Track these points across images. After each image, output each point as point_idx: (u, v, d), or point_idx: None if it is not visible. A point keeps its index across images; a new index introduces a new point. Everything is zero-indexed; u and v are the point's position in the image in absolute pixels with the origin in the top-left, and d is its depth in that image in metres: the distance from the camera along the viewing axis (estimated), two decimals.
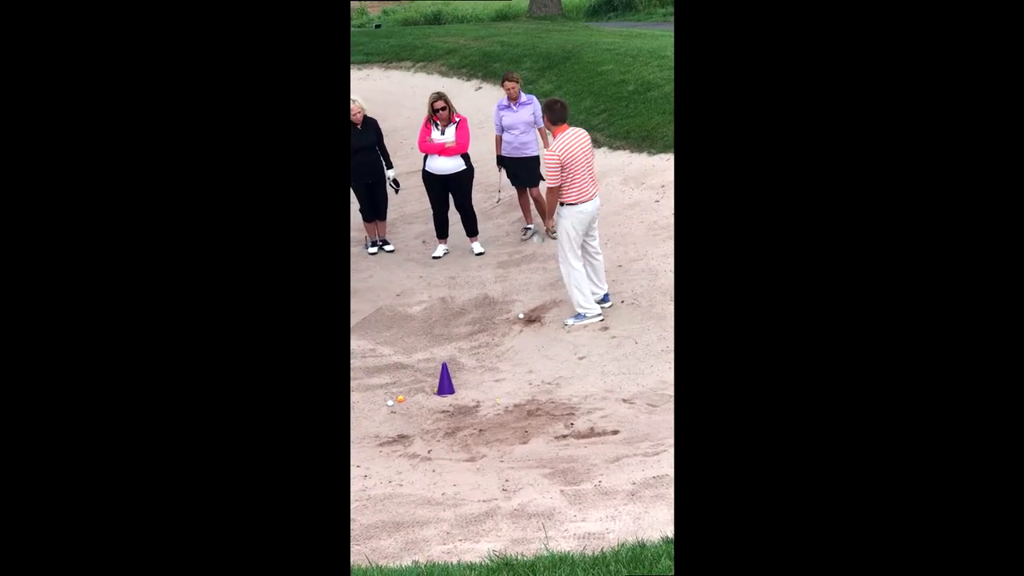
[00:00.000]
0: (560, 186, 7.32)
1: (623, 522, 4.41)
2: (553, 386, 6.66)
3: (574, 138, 7.42)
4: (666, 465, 4.94)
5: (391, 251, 9.61)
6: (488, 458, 5.65)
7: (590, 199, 7.44)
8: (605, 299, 7.72)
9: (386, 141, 9.52)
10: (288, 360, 2.63)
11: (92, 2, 2.61)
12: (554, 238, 9.06)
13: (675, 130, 2.86)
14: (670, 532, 3.92)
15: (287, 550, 2.61)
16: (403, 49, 16.66)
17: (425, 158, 9.14)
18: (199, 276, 2.62)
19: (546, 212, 7.73)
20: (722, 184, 2.66)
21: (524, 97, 9.27)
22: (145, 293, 2.60)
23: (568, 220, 7.40)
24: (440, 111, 8.93)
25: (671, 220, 8.11)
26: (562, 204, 7.41)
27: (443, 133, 8.96)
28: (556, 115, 7.44)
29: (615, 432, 5.80)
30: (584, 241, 7.56)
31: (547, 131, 7.57)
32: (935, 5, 2.59)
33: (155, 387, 2.59)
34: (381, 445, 6.02)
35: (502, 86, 9.43)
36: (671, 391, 5.95)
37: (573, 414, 6.15)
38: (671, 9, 19.33)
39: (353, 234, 9.80)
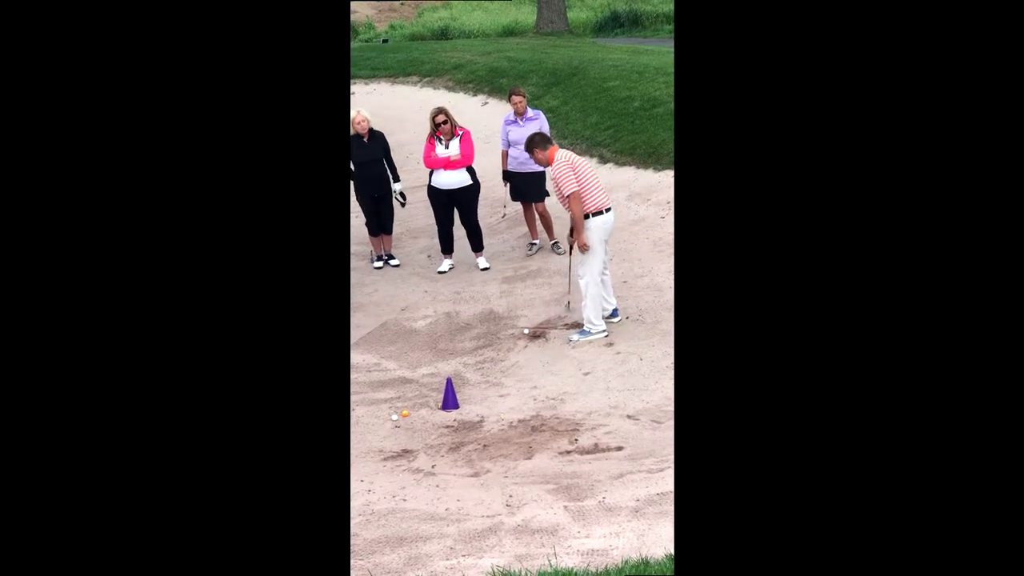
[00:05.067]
0: (580, 191, 7.34)
1: (627, 539, 4.39)
2: (557, 402, 6.64)
3: (567, 153, 7.64)
4: (670, 482, 4.92)
5: (396, 265, 9.62)
6: (492, 473, 5.64)
7: (609, 207, 7.52)
8: (614, 314, 7.72)
9: (392, 155, 9.55)
10: (288, 371, 2.63)
11: (94, 20, 2.62)
12: (560, 253, 9.05)
13: (675, 146, 2.86)
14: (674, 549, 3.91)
15: (287, 565, 2.60)
16: (410, 64, 16.72)
17: (430, 174, 9.16)
18: (200, 286, 2.63)
19: (575, 227, 7.46)
20: (723, 200, 2.66)
21: (531, 112, 9.29)
22: (145, 305, 2.60)
23: (595, 231, 7.40)
24: (442, 125, 8.95)
25: None
26: (587, 216, 7.39)
27: (447, 147, 8.99)
28: (543, 141, 7.62)
29: (619, 448, 5.79)
30: None
31: (541, 160, 7.59)
32: (935, 13, 2.59)
33: (155, 399, 2.59)
34: (385, 460, 6.02)
35: (509, 101, 9.45)
36: None
37: (577, 430, 6.14)
38: None
39: (359, 248, 9.81)
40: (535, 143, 7.63)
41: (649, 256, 8.65)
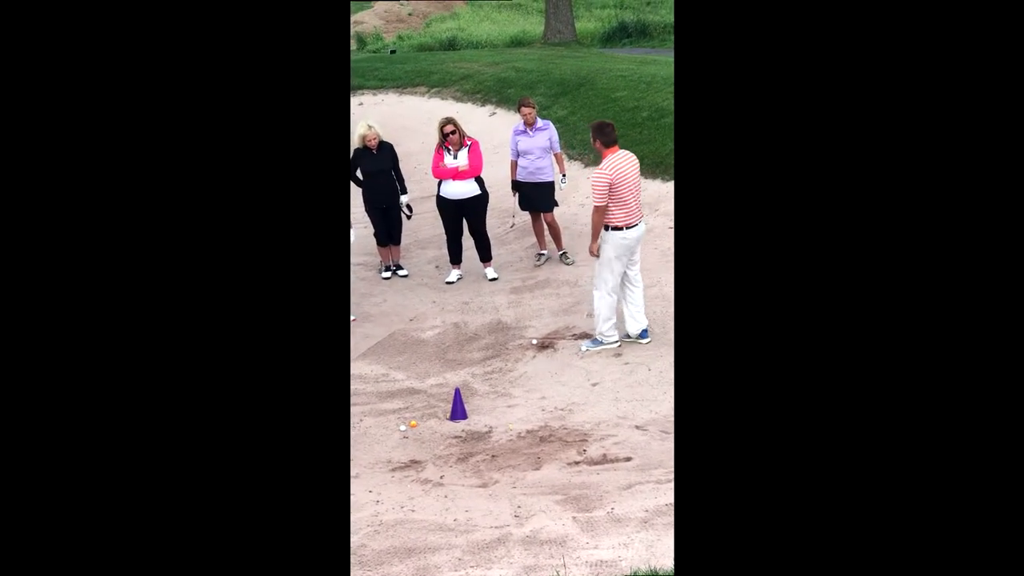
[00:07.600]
0: (606, 206, 7.16)
1: (636, 550, 4.39)
2: (566, 412, 6.64)
3: (624, 160, 7.24)
4: None
5: (405, 276, 9.63)
6: (500, 484, 5.63)
7: (636, 224, 7.29)
8: (643, 335, 7.52)
9: (400, 166, 9.56)
10: (288, 379, 2.64)
11: (93, 30, 2.64)
12: (569, 263, 9.06)
13: (675, 158, 2.86)
14: None
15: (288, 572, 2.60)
16: (418, 75, 16.74)
17: (439, 183, 9.18)
18: (202, 295, 2.63)
19: (592, 233, 7.32)
20: (723, 211, 2.67)
21: (540, 122, 9.31)
22: (146, 315, 2.61)
23: (611, 246, 7.25)
24: (450, 135, 8.96)
25: None
26: (607, 228, 7.24)
27: (456, 157, 9.00)
28: (608, 137, 7.23)
29: (628, 459, 5.78)
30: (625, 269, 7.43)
31: (598, 148, 7.35)
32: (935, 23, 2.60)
33: (155, 408, 2.60)
34: (393, 470, 6.02)
35: (518, 111, 9.47)
36: None
37: (586, 440, 6.13)
38: None
39: (367, 258, 9.82)
40: (603, 132, 7.25)
41: (657, 266, 8.64)
